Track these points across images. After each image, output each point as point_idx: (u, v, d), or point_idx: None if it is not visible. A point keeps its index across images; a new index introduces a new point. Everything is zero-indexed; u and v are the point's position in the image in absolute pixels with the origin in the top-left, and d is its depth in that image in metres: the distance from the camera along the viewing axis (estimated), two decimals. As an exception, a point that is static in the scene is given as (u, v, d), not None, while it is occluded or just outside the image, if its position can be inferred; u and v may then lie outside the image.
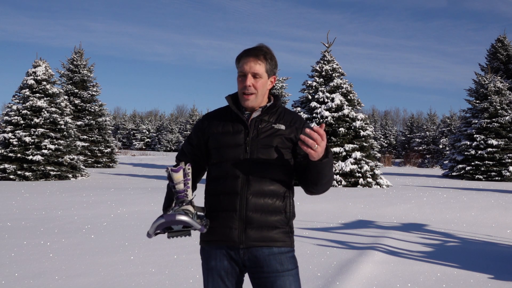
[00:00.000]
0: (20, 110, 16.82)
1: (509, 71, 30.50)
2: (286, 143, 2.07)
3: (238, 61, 2.13)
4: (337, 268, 4.91)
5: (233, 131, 2.09)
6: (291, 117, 2.14)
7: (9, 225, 7.32)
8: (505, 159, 21.46)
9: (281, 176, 2.06)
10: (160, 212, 2.22)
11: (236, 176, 2.03)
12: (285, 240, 2.06)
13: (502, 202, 10.91)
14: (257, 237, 2.02)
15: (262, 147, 2.04)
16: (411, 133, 49.34)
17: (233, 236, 2.02)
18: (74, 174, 17.25)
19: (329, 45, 17.46)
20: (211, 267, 2.08)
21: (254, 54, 2.09)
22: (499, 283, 4.55)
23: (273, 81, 2.14)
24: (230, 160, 2.05)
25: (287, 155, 2.08)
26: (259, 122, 2.09)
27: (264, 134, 2.06)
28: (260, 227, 2.02)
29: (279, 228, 2.05)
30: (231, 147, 2.06)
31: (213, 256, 2.08)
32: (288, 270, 2.02)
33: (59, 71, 25.47)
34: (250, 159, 2.03)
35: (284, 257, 2.04)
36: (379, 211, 9.64)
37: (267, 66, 2.10)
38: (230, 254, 2.05)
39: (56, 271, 4.67)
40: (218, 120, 2.15)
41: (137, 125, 63.58)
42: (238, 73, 2.11)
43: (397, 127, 75.87)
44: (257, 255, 2.02)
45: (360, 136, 16.32)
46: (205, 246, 2.12)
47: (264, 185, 2.03)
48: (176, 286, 4.26)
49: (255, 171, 2.03)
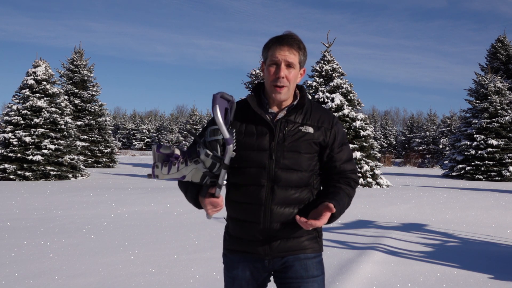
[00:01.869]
0: (20, 110, 16.82)
1: (509, 71, 30.50)
2: (314, 148, 1.94)
3: (267, 49, 1.94)
4: (337, 268, 4.91)
5: (257, 133, 1.91)
6: (318, 115, 1.97)
7: (9, 225, 7.32)
8: (505, 159, 21.46)
9: (307, 182, 1.93)
10: (161, 212, 2.22)
11: (260, 184, 1.89)
12: (314, 246, 1.97)
13: (502, 202, 10.91)
14: (283, 248, 1.93)
15: (288, 152, 1.89)
16: (411, 133, 49.33)
17: (258, 249, 1.92)
18: (74, 174, 17.24)
19: (329, 45, 17.45)
20: (233, 276, 2.00)
21: (288, 43, 1.91)
22: (499, 283, 4.55)
23: (302, 74, 1.99)
24: (253, 166, 1.90)
25: (314, 160, 1.95)
26: (285, 124, 1.92)
27: (291, 139, 1.90)
28: (286, 238, 1.92)
29: (305, 235, 1.95)
30: (255, 151, 1.90)
31: (235, 265, 1.99)
32: (313, 277, 1.94)
33: (59, 71, 25.48)
34: (275, 166, 1.88)
35: (310, 262, 1.95)
36: (379, 211, 9.64)
37: (301, 57, 1.94)
38: (255, 265, 1.96)
39: (56, 271, 4.67)
40: (240, 117, 1.96)
41: (137, 125, 63.57)
42: (268, 62, 1.92)
43: (397, 127, 75.93)
44: (283, 262, 1.95)
45: (360, 136, 16.32)
46: (228, 254, 2.02)
47: (289, 193, 1.89)
48: (176, 286, 4.25)
49: (281, 179, 1.88)
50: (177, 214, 8.58)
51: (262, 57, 2.00)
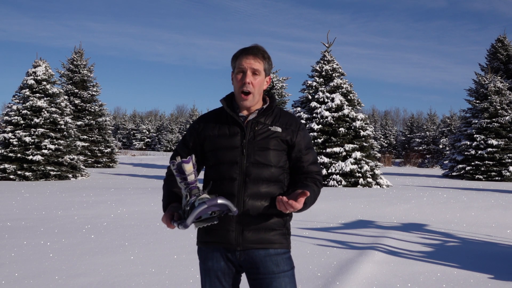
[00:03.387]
0: (20, 110, 16.82)
1: (509, 71, 30.48)
2: (282, 145, 2.09)
3: (235, 59, 2.12)
4: (337, 268, 4.91)
5: (230, 134, 2.09)
6: (286, 119, 2.14)
7: (9, 225, 7.32)
8: (505, 159, 21.47)
9: (278, 178, 2.08)
10: (161, 212, 2.22)
11: (232, 178, 2.03)
12: (282, 242, 2.08)
13: (502, 202, 10.91)
14: (254, 239, 2.03)
15: (258, 149, 2.05)
16: (411, 133, 49.33)
17: (230, 238, 2.03)
18: (74, 174, 17.25)
19: (329, 45, 17.46)
20: (208, 268, 2.09)
21: (253, 52, 2.09)
22: (499, 283, 4.55)
23: (268, 81, 2.14)
24: (226, 163, 2.06)
25: (283, 157, 2.11)
26: (255, 124, 2.09)
27: (260, 136, 2.07)
28: (257, 229, 2.04)
29: (276, 230, 2.07)
30: (228, 149, 2.06)
31: (210, 257, 2.09)
32: (284, 272, 2.04)
33: (59, 71, 25.48)
34: (246, 161, 2.04)
35: (280, 258, 2.05)
36: (379, 211, 9.64)
37: (265, 66, 2.11)
38: (227, 256, 2.06)
39: (56, 271, 4.67)
40: (213, 122, 2.14)
41: (137, 125, 63.58)
42: (236, 70, 2.10)
43: (397, 127, 75.95)
44: (253, 257, 2.04)
45: (360, 136, 16.32)
46: (202, 247, 2.13)
47: (260, 187, 2.03)
48: (176, 286, 4.25)
49: (252, 173, 2.03)
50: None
51: (231, 68, 2.15)
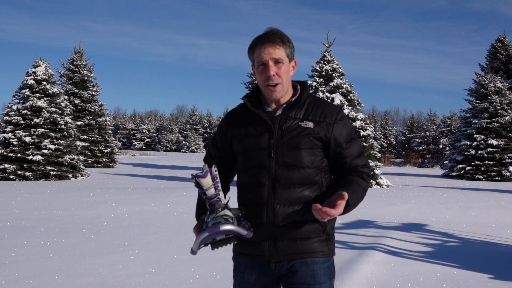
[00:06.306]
0: (20, 110, 16.81)
1: (509, 71, 30.48)
2: (315, 143, 1.86)
3: (252, 50, 1.89)
4: (337, 268, 4.91)
5: (257, 133, 1.89)
6: (321, 109, 1.90)
7: (9, 225, 7.32)
8: (505, 159, 21.45)
9: (313, 180, 1.86)
10: (161, 212, 2.21)
11: (261, 184, 1.85)
12: (322, 250, 1.88)
13: (502, 202, 10.91)
14: (289, 250, 1.85)
15: (288, 149, 1.84)
16: (411, 133, 49.31)
17: (263, 251, 1.87)
18: (74, 174, 17.24)
19: (329, 45, 17.45)
20: (240, 279, 1.96)
21: (270, 39, 1.86)
22: (499, 283, 4.55)
23: (294, 66, 1.93)
24: (255, 166, 1.88)
25: (319, 156, 1.88)
26: (284, 120, 1.86)
27: (289, 135, 1.84)
28: (291, 239, 1.84)
29: (313, 237, 1.87)
30: (255, 151, 1.88)
31: (242, 268, 1.95)
32: (319, 284, 1.86)
33: (59, 71, 25.46)
34: (275, 165, 1.84)
35: (318, 267, 1.86)
36: (379, 211, 9.64)
37: (287, 50, 1.88)
38: (261, 268, 1.91)
39: (56, 271, 4.67)
40: (240, 120, 1.95)
41: (137, 125, 63.53)
42: (256, 64, 1.88)
43: (397, 127, 75.87)
44: (289, 266, 1.88)
45: (360, 136, 16.31)
46: (236, 257, 2.00)
47: (292, 192, 1.83)
48: (176, 286, 4.25)
49: (282, 177, 1.83)
50: (177, 214, 8.58)
51: (250, 61, 1.94)
